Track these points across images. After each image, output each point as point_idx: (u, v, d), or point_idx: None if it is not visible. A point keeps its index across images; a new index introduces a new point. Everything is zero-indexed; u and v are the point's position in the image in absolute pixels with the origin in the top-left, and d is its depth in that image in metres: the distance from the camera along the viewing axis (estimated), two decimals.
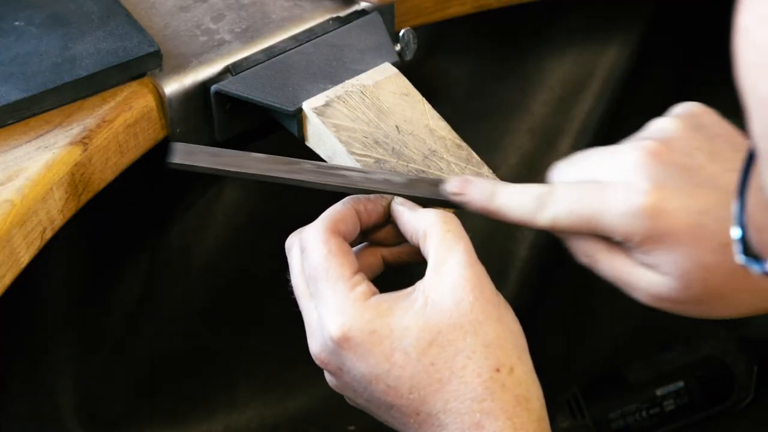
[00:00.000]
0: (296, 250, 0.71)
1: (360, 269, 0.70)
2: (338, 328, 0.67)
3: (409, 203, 0.72)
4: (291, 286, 0.72)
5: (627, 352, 1.18)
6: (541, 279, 1.21)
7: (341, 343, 0.67)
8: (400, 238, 0.73)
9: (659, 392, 1.13)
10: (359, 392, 0.68)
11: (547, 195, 0.70)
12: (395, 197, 0.72)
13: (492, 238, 1.16)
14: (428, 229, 0.69)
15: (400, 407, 0.67)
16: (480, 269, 0.68)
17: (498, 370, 0.66)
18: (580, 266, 0.73)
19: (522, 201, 0.70)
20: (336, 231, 0.70)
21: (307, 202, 0.74)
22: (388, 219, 0.73)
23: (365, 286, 0.68)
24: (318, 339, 0.69)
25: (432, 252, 0.68)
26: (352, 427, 1.16)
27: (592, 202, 0.68)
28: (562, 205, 0.69)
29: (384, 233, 0.73)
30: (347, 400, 0.72)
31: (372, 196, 0.72)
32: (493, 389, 0.65)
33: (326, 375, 0.71)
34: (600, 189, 0.68)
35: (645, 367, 1.14)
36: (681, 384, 1.13)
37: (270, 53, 0.84)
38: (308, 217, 0.72)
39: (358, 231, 0.72)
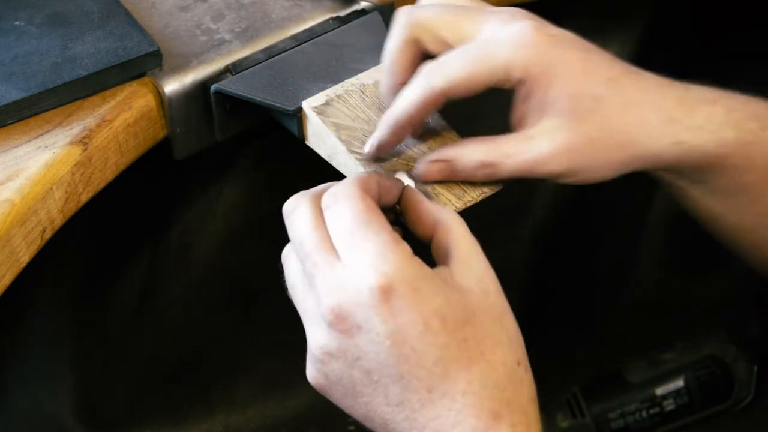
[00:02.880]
0: (304, 210, 0.67)
1: None
2: (383, 275, 0.63)
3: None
4: (281, 265, 0.69)
5: (627, 352, 1.18)
6: (541, 279, 1.21)
7: (380, 294, 0.63)
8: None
9: (659, 392, 1.13)
10: (363, 359, 0.64)
11: (435, 66, 0.72)
12: (408, 185, 0.72)
13: (492, 238, 1.16)
14: (451, 222, 0.68)
15: (411, 380, 0.64)
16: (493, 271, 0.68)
17: (519, 364, 0.66)
18: (579, 266, 0.72)
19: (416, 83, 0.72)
20: (367, 191, 0.67)
21: None
22: (395, 205, 0.72)
23: (407, 245, 0.65)
24: (335, 292, 0.64)
25: (458, 244, 0.67)
26: (352, 428, 1.16)
27: (484, 49, 0.71)
28: (455, 66, 0.72)
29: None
30: (324, 378, 0.67)
31: (390, 176, 0.72)
32: (514, 381, 0.65)
33: (315, 340, 0.66)
34: (489, 40, 0.72)
35: (645, 367, 1.14)
36: (681, 384, 1.13)
37: (270, 53, 0.84)
38: None
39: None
